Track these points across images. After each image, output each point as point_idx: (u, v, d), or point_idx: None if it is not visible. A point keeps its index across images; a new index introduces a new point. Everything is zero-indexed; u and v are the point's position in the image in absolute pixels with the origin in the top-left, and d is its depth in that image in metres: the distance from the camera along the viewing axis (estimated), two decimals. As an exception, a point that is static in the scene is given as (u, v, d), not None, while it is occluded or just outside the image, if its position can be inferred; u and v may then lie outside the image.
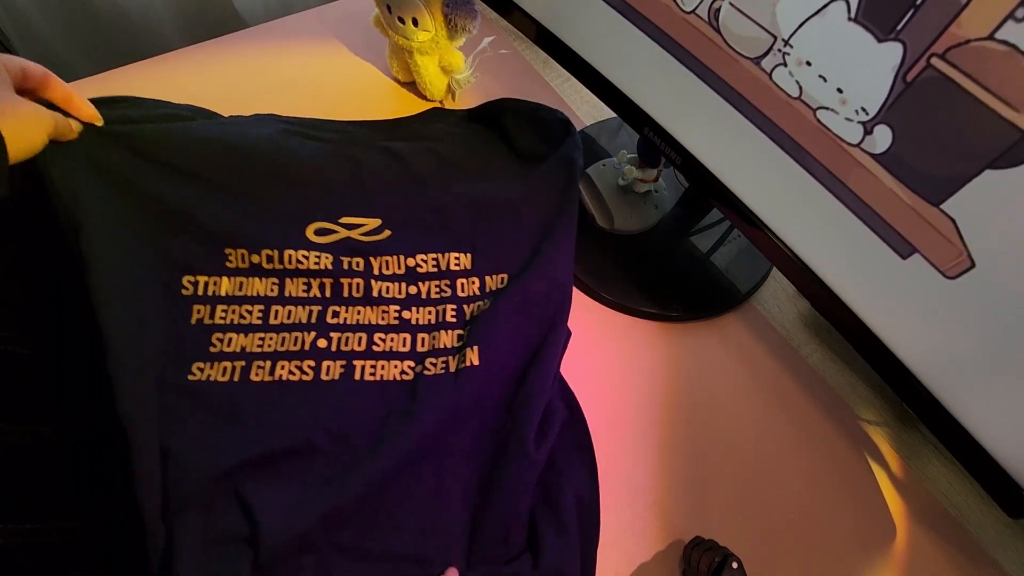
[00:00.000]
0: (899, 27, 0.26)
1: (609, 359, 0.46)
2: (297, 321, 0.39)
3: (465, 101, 0.57)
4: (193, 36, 0.65)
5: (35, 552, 0.31)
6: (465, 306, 0.42)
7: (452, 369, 0.39)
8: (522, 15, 0.49)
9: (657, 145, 0.43)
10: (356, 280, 0.40)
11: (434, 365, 0.39)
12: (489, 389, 0.39)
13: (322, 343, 0.39)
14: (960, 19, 0.24)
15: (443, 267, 0.43)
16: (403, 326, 0.41)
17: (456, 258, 0.43)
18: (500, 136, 0.49)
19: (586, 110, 0.61)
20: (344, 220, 0.43)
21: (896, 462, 0.43)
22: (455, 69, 0.55)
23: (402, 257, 0.42)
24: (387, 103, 0.54)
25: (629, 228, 0.51)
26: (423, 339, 0.40)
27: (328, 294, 0.40)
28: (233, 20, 0.72)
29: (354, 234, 0.42)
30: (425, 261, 0.43)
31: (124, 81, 0.55)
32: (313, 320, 0.40)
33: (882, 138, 0.28)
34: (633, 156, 0.52)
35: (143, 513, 0.31)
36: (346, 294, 0.40)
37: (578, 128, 0.57)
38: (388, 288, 0.42)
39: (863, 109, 0.28)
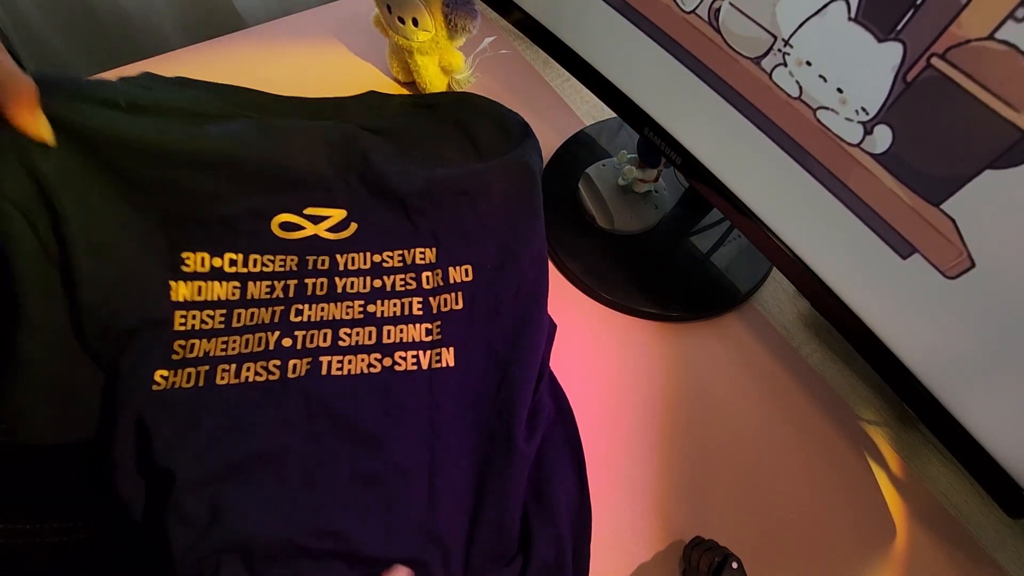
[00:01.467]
0: (899, 27, 0.26)
1: (609, 359, 0.46)
2: (260, 322, 0.39)
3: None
4: (193, 36, 0.65)
5: (35, 552, 0.31)
6: (431, 299, 0.42)
7: (424, 366, 0.39)
8: (522, 15, 0.49)
9: (657, 145, 0.43)
10: (320, 280, 0.41)
11: (404, 360, 0.39)
12: (469, 389, 0.39)
13: (287, 342, 0.39)
14: (960, 19, 0.24)
15: (408, 261, 0.43)
16: (368, 319, 0.40)
17: (421, 252, 0.43)
18: (463, 133, 0.49)
19: (586, 110, 0.61)
20: (309, 211, 0.42)
21: (896, 462, 0.43)
22: (455, 69, 0.55)
23: (368, 253, 0.43)
24: (387, 103, 0.54)
25: (629, 228, 0.51)
26: (389, 331, 0.40)
27: (292, 294, 0.40)
28: (233, 20, 0.72)
29: (320, 230, 0.42)
30: (391, 257, 0.43)
31: (124, 81, 0.55)
32: (276, 320, 0.39)
33: (882, 138, 0.28)
34: (633, 156, 0.52)
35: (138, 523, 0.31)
36: (309, 293, 0.40)
37: (578, 128, 0.58)
38: (353, 283, 0.42)
39: (863, 109, 0.28)
